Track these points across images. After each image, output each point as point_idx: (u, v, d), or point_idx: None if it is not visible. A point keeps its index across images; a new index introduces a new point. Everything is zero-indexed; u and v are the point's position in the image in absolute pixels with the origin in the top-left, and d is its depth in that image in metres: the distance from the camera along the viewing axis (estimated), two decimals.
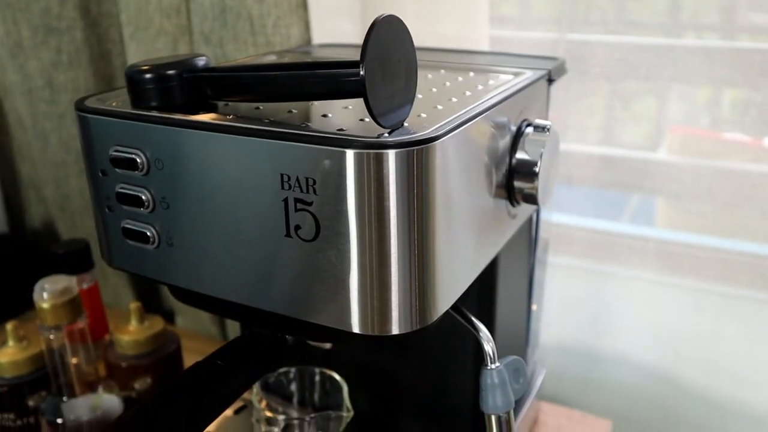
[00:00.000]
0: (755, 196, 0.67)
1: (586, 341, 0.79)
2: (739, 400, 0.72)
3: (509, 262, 0.55)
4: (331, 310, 0.39)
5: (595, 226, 0.79)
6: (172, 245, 0.43)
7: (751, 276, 0.69)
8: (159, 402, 0.41)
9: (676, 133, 0.79)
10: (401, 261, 0.37)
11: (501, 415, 0.43)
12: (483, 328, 0.44)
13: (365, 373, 0.60)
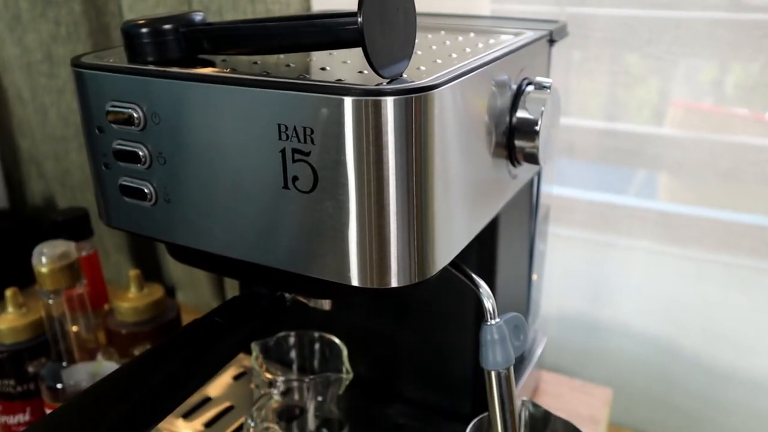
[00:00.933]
0: (755, 168, 0.67)
1: (588, 311, 0.79)
2: (740, 368, 0.72)
3: (510, 225, 0.55)
4: (329, 263, 0.39)
5: (597, 199, 0.78)
6: (169, 201, 0.43)
7: (753, 245, 0.69)
8: (157, 355, 0.40)
9: (679, 107, 0.79)
10: (400, 211, 0.37)
11: (501, 372, 0.42)
12: (483, 284, 0.43)
13: (365, 338, 0.60)
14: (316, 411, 0.57)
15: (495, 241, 0.52)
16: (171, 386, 0.39)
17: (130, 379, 0.38)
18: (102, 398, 0.37)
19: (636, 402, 0.79)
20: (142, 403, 0.38)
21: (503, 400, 0.43)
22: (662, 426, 0.78)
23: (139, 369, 0.39)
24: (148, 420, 0.38)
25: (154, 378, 0.39)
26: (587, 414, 0.67)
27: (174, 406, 0.40)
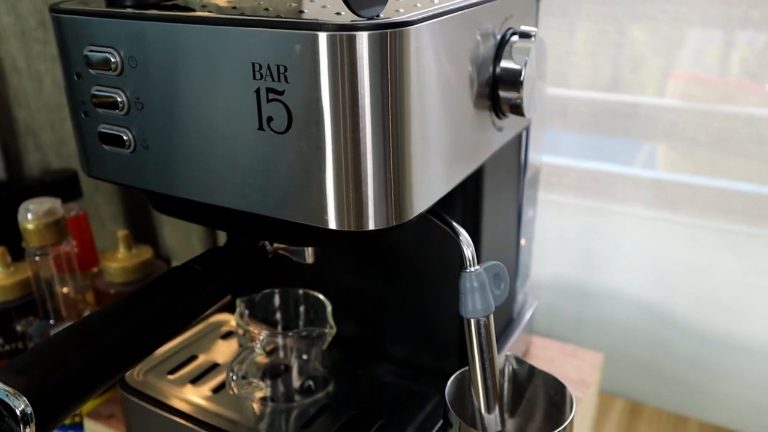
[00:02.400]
0: (750, 136, 0.66)
1: (580, 277, 0.78)
2: (733, 333, 0.72)
3: (496, 182, 0.54)
4: (306, 206, 0.38)
5: (591, 167, 0.78)
6: (147, 148, 0.43)
7: (745, 210, 0.68)
8: (136, 299, 0.40)
9: (679, 78, 0.78)
10: (376, 151, 0.36)
11: (480, 320, 0.42)
12: (463, 231, 0.43)
13: (351, 298, 0.60)
14: (300, 369, 0.57)
15: (480, 195, 0.51)
16: (148, 329, 0.39)
17: (109, 320, 0.38)
18: (80, 337, 0.37)
19: (628, 369, 0.78)
20: (119, 343, 0.37)
21: (482, 349, 0.42)
22: (654, 393, 0.78)
23: (118, 311, 0.39)
24: (125, 360, 0.38)
25: (131, 320, 0.39)
26: (577, 377, 0.66)
27: (151, 349, 0.40)
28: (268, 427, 0.52)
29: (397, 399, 0.55)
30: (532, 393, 0.50)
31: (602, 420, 0.75)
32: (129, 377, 0.57)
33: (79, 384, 0.35)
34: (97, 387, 0.37)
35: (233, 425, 0.52)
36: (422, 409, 0.54)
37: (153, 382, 0.57)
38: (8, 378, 0.34)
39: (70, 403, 0.35)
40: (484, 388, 0.43)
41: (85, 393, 0.36)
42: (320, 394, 0.55)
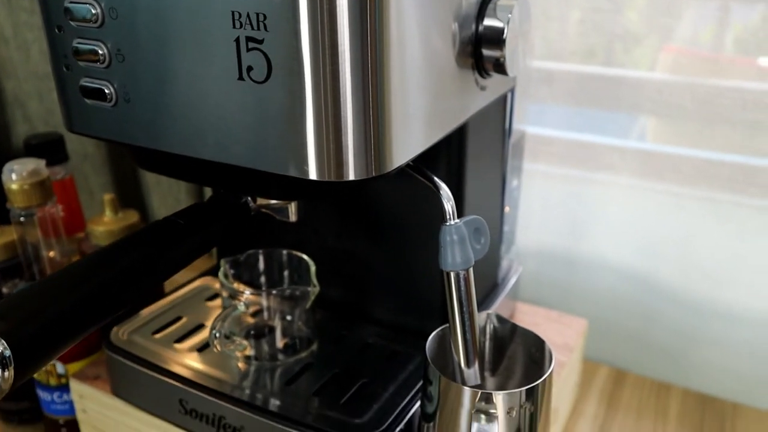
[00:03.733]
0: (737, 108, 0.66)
1: (566, 246, 0.79)
2: (716, 299, 0.72)
3: (480, 144, 0.55)
4: (287, 156, 0.38)
5: (578, 137, 0.78)
6: (129, 101, 0.43)
7: (730, 179, 0.69)
8: (115, 250, 0.40)
9: (669, 52, 0.78)
10: (355, 101, 0.36)
11: (459, 273, 0.42)
12: (444, 186, 0.43)
13: (335, 261, 0.60)
14: (284, 330, 0.57)
15: (463, 155, 0.52)
16: (128, 279, 0.39)
17: (89, 269, 0.39)
18: (60, 285, 0.37)
19: (612, 337, 0.79)
20: (98, 291, 0.38)
21: (462, 303, 0.43)
22: (638, 361, 0.78)
23: (98, 261, 0.39)
24: (105, 308, 0.38)
25: (111, 270, 0.39)
26: (561, 342, 0.67)
27: (130, 300, 0.40)
28: (252, 384, 0.53)
29: (380, 358, 0.56)
30: (512, 351, 0.50)
31: (586, 387, 0.75)
32: (114, 337, 0.58)
33: (58, 330, 0.36)
34: (76, 334, 0.37)
35: (218, 383, 0.52)
36: (405, 368, 0.54)
37: (138, 341, 0.57)
38: None
39: (48, 348, 0.35)
40: (463, 341, 0.44)
41: (64, 339, 0.36)
42: (304, 353, 0.56)
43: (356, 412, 0.49)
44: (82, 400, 0.61)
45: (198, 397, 0.52)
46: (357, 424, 0.48)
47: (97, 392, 0.59)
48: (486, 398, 0.42)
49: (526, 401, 0.43)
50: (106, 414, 0.60)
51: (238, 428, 0.51)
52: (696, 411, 0.72)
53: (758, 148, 0.65)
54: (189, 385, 0.52)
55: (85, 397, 0.61)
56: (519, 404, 0.43)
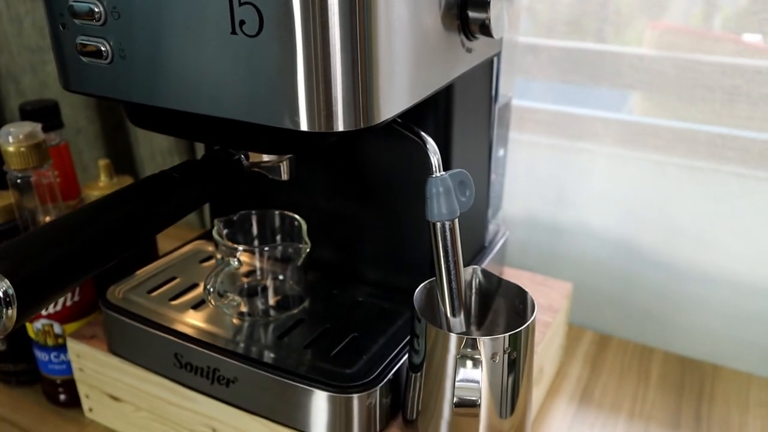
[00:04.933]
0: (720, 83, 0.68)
1: (551, 213, 0.80)
2: (696, 263, 0.74)
3: (467, 104, 0.56)
4: (279, 109, 0.40)
5: (564, 110, 0.80)
6: (124, 58, 0.44)
7: (709, 148, 0.70)
8: (113, 200, 0.42)
9: (656, 29, 0.79)
10: (344, 54, 0.38)
11: (445, 223, 0.44)
12: (430, 140, 0.45)
13: (326, 222, 0.62)
14: (276, 289, 0.59)
15: (450, 113, 0.53)
16: (125, 227, 0.41)
17: (88, 217, 0.40)
18: (60, 230, 0.39)
19: (597, 302, 0.81)
20: (97, 237, 0.39)
21: (447, 252, 0.44)
22: (621, 325, 0.80)
23: (96, 210, 0.41)
24: (102, 254, 0.40)
25: (109, 217, 0.40)
26: (546, 304, 0.69)
27: (127, 247, 0.41)
28: (245, 338, 0.54)
29: (369, 315, 0.58)
30: (497, 305, 0.52)
31: (571, 351, 0.77)
32: (110, 295, 0.59)
33: (59, 272, 0.37)
34: (76, 278, 0.38)
35: (212, 337, 0.54)
36: (394, 324, 0.56)
37: (134, 299, 0.59)
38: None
39: (49, 289, 0.37)
40: (449, 290, 0.45)
41: (64, 282, 0.38)
42: (296, 310, 0.57)
43: (346, 363, 0.51)
44: (79, 359, 0.63)
45: (193, 351, 0.54)
46: (347, 374, 0.50)
47: (93, 351, 0.61)
48: (471, 344, 0.44)
49: (509, 347, 0.45)
50: (103, 372, 0.61)
51: (231, 380, 0.52)
52: (677, 373, 0.74)
53: (737, 115, 0.67)
54: (184, 339, 0.54)
55: (82, 356, 0.62)
56: (503, 349, 0.44)
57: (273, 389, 0.51)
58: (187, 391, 0.56)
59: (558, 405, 0.69)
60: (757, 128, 0.67)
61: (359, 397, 0.49)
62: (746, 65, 0.66)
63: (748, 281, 0.72)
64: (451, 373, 0.45)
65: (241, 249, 0.53)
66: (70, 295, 0.63)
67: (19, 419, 0.66)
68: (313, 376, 0.50)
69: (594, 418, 0.68)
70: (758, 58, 0.67)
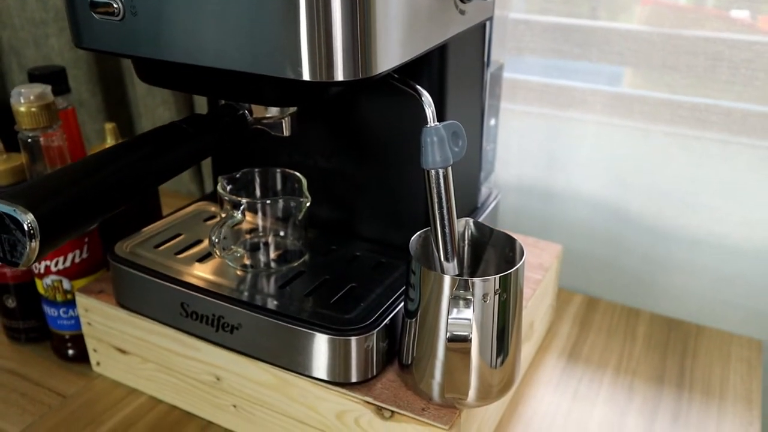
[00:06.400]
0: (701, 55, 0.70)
1: (543, 179, 0.83)
2: (682, 226, 0.77)
3: (460, 63, 0.59)
4: (283, 60, 0.42)
5: (554, 81, 0.82)
6: (135, 14, 0.46)
7: (693, 116, 0.73)
8: (128, 146, 0.44)
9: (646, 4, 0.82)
10: (344, 8, 0.40)
11: (439, 171, 0.47)
12: (425, 92, 0.47)
13: (325, 181, 0.64)
14: (277, 245, 0.61)
15: (444, 70, 0.56)
16: (139, 170, 0.43)
17: (105, 159, 0.43)
18: (78, 171, 0.41)
19: (587, 265, 0.84)
20: (113, 179, 0.42)
21: (441, 198, 0.47)
22: (610, 288, 0.84)
23: (112, 154, 0.44)
24: (117, 195, 0.42)
25: (124, 161, 0.43)
26: (537, 263, 0.72)
27: (140, 190, 0.44)
28: (249, 287, 0.57)
29: (367, 267, 0.60)
30: (489, 254, 0.55)
31: (561, 312, 0.80)
32: (118, 249, 0.62)
33: (77, 209, 0.40)
34: (93, 215, 0.41)
35: (217, 286, 0.57)
36: (390, 275, 0.59)
37: (141, 253, 0.62)
38: (16, 198, 0.38)
39: (69, 224, 0.39)
40: (442, 235, 0.48)
41: (82, 218, 0.40)
42: (296, 263, 0.60)
43: (345, 310, 0.54)
44: (87, 314, 0.65)
45: (198, 299, 0.56)
46: (346, 319, 0.53)
47: (101, 304, 0.64)
48: (463, 285, 0.47)
49: (499, 288, 0.47)
50: (110, 325, 0.64)
51: (236, 326, 0.55)
52: (662, 332, 0.77)
53: (718, 79, 0.69)
54: (190, 288, 0.57)
55: (90, 311, 0.65)
56: (493, 290, 0.47)
57: (275, 334, 0.53)
58: (193, 340, 0.59)
59: (548, 360, 0.72)
60: (738, 93, 0.70)
61: (357, 339, 0.51)
62: (728, 36, 0.69)
63: (731, 243, 0.75)
64: (444, 314, 0.48)
65: (245, 202, 0.56)
66: (78, 252, 0.65)
67: (29, 373, 0.69)
68: (314, 320, 0.52)
69: (582, 372, 0.71)
70: (743, 33, 0.69)
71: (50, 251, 0.39)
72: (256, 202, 0.57)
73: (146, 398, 0.66)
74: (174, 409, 0.64)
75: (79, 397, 0.66)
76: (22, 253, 0.38)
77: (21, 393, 0.66)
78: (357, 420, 0.53)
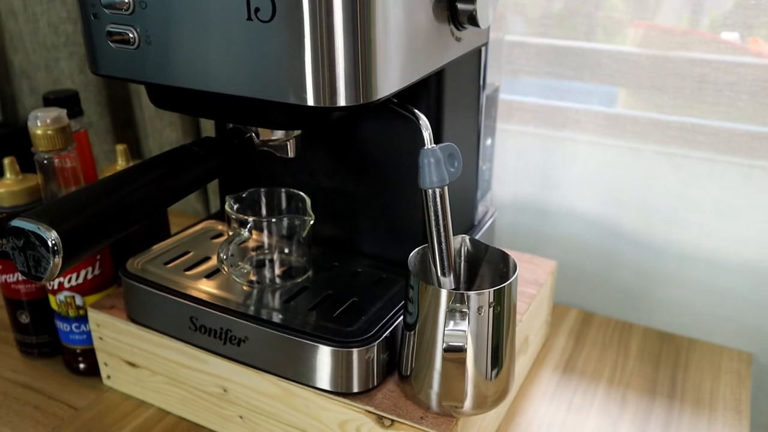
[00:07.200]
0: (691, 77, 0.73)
1: (538, 197, 0.86)
2: (672, 241, 0.80)
3: (457, 90, 0.61)
4: (289, 86, 0.45)
5: (548, 102, 0.85)
6: (150, 43, 0.49)
7: (682, 136, 0.76)
8: (145, 167, 0.47)
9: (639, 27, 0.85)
10: (347, 37, 0.43)
11: (436, 190, 0.49)
12: (423, 116, 0.50)
13: (328, 201, 0.67)
14: (282, 261, 0.64)
15: (441, 98, 0.59)
16: (154, 190, 0.46)
17: (122, 181, 0.45)
18: (97, 192, 0.44)
19: (581, 281, 0.86)
20: (130, 199, 0.44)
21: (438, 216, 0.50)
22: (604, 303, 0.86)
23: (129, 175, 0.46)
24: (134, 213, 0.45)
25: (141, 181, 0.46)
26: (532, 278, 0.74)
27: (154, 209, 0.47)
28: (255, 302, 0.59)
29: (368, 283, 0.63)
30: (483, 270, 0.58)
31: (556, 327, 0.83)
32: (130, 266, 0.64)
33: (98, 226, 0.42)
34: (111, 233, 0.44)
35: (225, 301, 0.59)
36: (390, 290, 0.62)
37: (151, 269, 0.64)
38: (40, 216, 0.41)
39: (89, 241, 0.42)
40: (439, 252, 0.51)
41: (102, 236, 0.43)
42: (300, 279, 0.63)
43: (348, 323, 0.56)
44: (99, 329, 0.68)
45: (207, 313, 0.59)
46: (348, 332, 0.55)
47: (113, 319, 0.66)
48: (459, 298, 0.50)
49: (493, 301, 0.50)
50: (121, 339, 0.67)
51: (243, 339, 0.58)
52: (655, 345, 0.79)
53: (704, 100, 0.72)
54: (199, 303, 0.59)
55: (102, 325, 0.67)
56: (487, 303, 0.50)
57: (281, 346, 0.56)
58: (201, 353, 0.61)
59: (543, 373, 0.75)
60: (723, 114, 0.73)
61: (359, 351, 0.54)
62: (714, 58, 0.72)
63: (720, 258, 0.78)
64: (441, 326, 0.50)
65: (252, 220, 0.59)
66: (90, 269, 0.68)
67: (42, 387, 0.71)
68: (318, 333, 0.55)
69: (576, 384, 0.73)
70: (732, 54, 0.72)
71: (71, 266, 0.42)
72: (262, 221, 0.60)
73: (155, 410, 0.68)
74: (182, 421, 0.66)
75: (91, 409, 0.68)
76: (46, 268, 0.40)
77: (34, 406, 0.68)
78: (359, 429, 0.55)
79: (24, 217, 0.41)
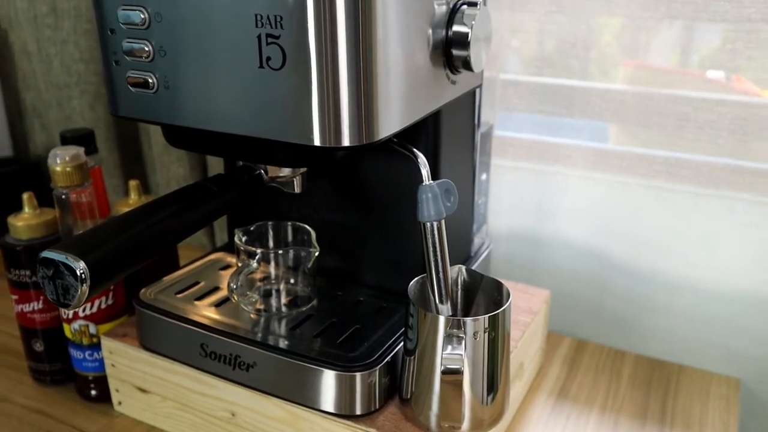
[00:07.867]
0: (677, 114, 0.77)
1: (532, 229, 0.90)
2: (660, 270, 0.83)
3: (453, 130, 0.65)
4: (297, 128, 0.49)
5: (540, 138, 0.89)
6: (168, 88, 0.53)
7: (667, 171, 0.80)
8: (164, 202, 0.51)
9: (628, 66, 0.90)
10: (351, 84, 0.47)
11: (433, 223, 0.53)
12: (421, 155, 0.54)
13: (332, 234, 0.71)
14: (288, 291, 0.67)
15: (438, 135, 0.62)
16: (172, 224, 0.50)
17: (143, 215, 0.49)
18: (120, 225, 0.48)
19: (574, 309, 0.90)
20: (150, 231, 0.48)
21: (435, 248, 0.53)
22: (596, 330, 0.89)
23: (150, 210, 0.50)
24: (155, 245, 0.48)
25: (161, 215, 0.49)
26: (526, 307, 0.77)
27: (172, 241, 0.50)
28: (263, 329, 0.63)
29: (370, 311, 0.66)
30: (479, 299, 0.61)
31: (551, 355, 0.86)
32: (143, 296, 0.68)
33: (121, 257, 0.46)
34: (133, 263, 0.47)
35: (233, 328, 0.63)
36: (391, 318, 0.65)
37: (163, 299, 0.67)
38: (69, 248, 0.44)
39: (114, 271, 0.45)
40: (437, 281, 0.54)
41: (125, 266, 0.46)
42: (305, 307, 0.66)
43: (351, 349, 0.60)
44: (111, 356, 0.71)
45: (217, 340, 0.62)
46: (352, 357, 0.58)
47: (125, 347, 0.69)
48: (456, 324, 0.53)
49: (488, 326, 0.53)
50: (133, 366, 0.69)
51: (251, 364, 0.61)
52: (646, 372, 0.82)
53: (685, 137, 0.76)
54: (209, 330, 0.62)
55: (114, 353, 0.70)
56: (483, 329, 0.53)
57: (288, 371, 0.59)
58: (210, 378, 0.64)
59: (538, 399, 0.78)
60: (704, 149, 0.77)
61: (362, 375, 0.57)
62: (695, 96, 0.76)
63: (706, 287, 0.82)
64: (439, 350, 0.54)
65: (260, 252, 0.62)
66: (104, 298, 0.71)
67: (54, 412, 0.74)
68: (322, 358, 0.58)
69: (569, 410, 0.76)
70: (716, 92, 0.76)
71: (96, 294, 0.45)
72: (270, 252, 0.64)
73: None
74: None
75: None
76: (74, 296, 0.44)
77: (47, 431, 0.71)
78: None
79: (54, 249, 0.45)
